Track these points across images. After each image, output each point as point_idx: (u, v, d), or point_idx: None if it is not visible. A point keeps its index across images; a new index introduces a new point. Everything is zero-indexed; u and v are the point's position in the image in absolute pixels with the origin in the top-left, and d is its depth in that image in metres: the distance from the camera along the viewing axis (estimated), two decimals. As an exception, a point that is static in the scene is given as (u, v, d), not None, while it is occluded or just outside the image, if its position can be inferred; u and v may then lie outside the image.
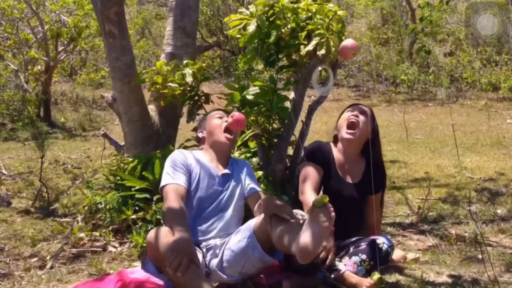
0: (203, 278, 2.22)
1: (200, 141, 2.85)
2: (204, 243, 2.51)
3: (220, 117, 2.78)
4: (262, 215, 2.35)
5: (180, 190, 2.49)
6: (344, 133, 2.74)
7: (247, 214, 2.69)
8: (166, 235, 2.27)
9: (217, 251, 2.46)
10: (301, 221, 2.31)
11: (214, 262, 2.44)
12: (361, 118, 2.74)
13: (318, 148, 2.80)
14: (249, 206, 2.67)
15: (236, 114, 2.74)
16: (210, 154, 2.72)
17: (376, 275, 2.33)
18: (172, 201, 2.42)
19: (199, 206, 2.56)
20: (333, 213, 2.14)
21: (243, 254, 2.35)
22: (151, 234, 2.34)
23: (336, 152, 2.80)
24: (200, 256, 2.38)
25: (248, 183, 2.69)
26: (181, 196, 2.47)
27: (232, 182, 2.66)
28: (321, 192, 2.24)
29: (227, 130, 2.72)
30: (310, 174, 2.66)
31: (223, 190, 2.62)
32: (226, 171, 2.67)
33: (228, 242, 2.45)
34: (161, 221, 2.98)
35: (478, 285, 2.45)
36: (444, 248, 2.97)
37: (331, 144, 2.85)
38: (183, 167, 2.57)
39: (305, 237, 2.10)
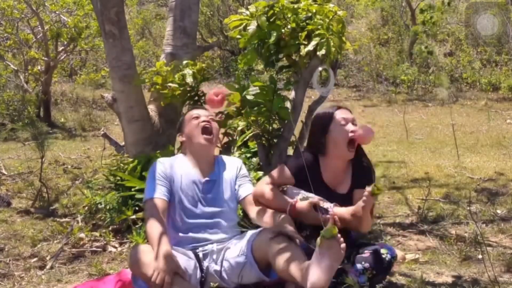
0: None
1: (182, 145, 2.75)
2: (200, 249, 2.46)
3: (197, 117, 2.64)
4: (264, 234, 2.31)
5: (161, 204, 2.43)
6: (347, 151, 2.50)
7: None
8: (145, 254, 2.22)
9: (215, 256, 2.44)
10: (301, 198, 2.31)
11: (213, 268, 2.42)
12: (359, 131, 2.53)
13: (303, 165, 2.48)
14: (244, 209, 2.61)
15: (211, 93, 2.63)
16: (192, 159, 2.61)
17: (374, 187, 2.22)
18: (152, 216, 2.37)
19: (187, 214, 2.49)
20: (343, 244, 2.09)
21: (241, 269, 2.35)
22: (131, 255, 2.28)
23: (324, 166, 2.57)
24: (191, 263, 2.35)
25: (240, 186, 2.60)
26: (162, 209, 2.41)
27: (218, 187, 2.56)
28: (329, 223, 2.14)
29: (204, 130, 2.60)
30: (279, 176, 2.55)
31: (208, 195, 2.53)
32: (210, 177, 2.57)
33: (226, 250, 2.42)
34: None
35: (478, 285, 2.45)
36: (444, 248, 2.97)
37: (318, 154, 2.59)
38: (163, 179, 2.50)
39: (316, 272, 2.04)
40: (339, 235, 2.09)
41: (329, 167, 2.56)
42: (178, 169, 2.56)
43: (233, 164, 2.69)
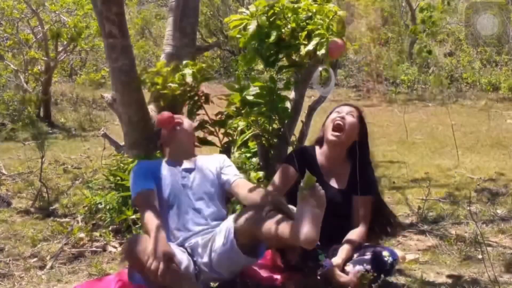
0: (184, 279, 2.23)
1: (163, 152, 2.84)
2: (186, 244, 2.47)
3: None
4: (246, 211, 2.30)
5: (150, 194, 2.48)
6: (330, 135, 2.64)
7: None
8: (141, 242, 2.24)
9: (200, 250, 2.43)
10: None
11: (202, 261, 2.41)
12: (348, 120, 2.64)
13: (301, 152, 2.71)
14: (235, 195, 2.62)
15: (159, 115, 2.83)
16: (170, 153, 2.70)
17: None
18: (145, 208, 2.40)
19: (170, 206, 2.53)
20: (322, 191, 2.11)
21: (228, 256, 2.34)
22: (127, 244, 2.30)
23: (320, 155, 2.70)
24: (184, 256, 2.37)
25: (226, 175, 2.64)
26: (153, 199, 2.47)
27: (196, 175, 2.61)
28: (307, 172, 2.13)
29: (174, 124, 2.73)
30: (279, 177, 2.63)
31: (187, 183, 2.57)
32: (189, 165, 2.64)
33: (213, 242, 2.41)
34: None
35: (478, 285, 2.45)
36: (444, 248, 2.97)
37: (316, 147, 2.75)
38: (146, 173, 2.56)
39: (304, 225, 2.06)
40: (317, 183, 2.11)
41: (324, 156, 2.70)
42: (159, 165, 2.64)
43: (216, 157, 2.77)
